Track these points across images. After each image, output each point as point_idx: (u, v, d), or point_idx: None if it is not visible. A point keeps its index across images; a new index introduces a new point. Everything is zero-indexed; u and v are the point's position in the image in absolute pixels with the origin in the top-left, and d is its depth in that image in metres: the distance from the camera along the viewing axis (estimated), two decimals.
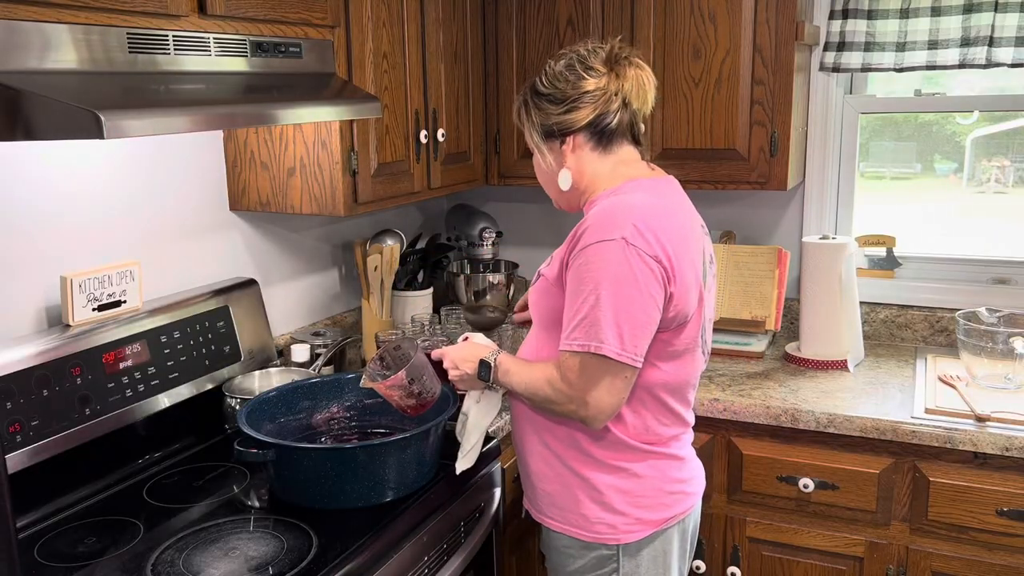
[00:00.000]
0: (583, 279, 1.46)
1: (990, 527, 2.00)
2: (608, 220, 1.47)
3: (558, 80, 1.56)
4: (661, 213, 1.52)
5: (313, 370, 2.12)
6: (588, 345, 1.45)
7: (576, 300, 1.47)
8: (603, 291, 1.44)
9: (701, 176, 2.41)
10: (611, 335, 1.44)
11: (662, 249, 1.47)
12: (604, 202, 1.55)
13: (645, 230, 1.46)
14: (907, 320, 2.62)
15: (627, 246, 1.44)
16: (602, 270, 1.45)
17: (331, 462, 1.61)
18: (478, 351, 1.64)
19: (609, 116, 1.56)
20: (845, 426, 2.08)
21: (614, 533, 1.60)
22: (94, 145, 1.81)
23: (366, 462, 1.62)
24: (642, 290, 1.45)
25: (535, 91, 1.60)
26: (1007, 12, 2.27)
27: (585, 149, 1.58)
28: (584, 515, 1.61)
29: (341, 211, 2.03)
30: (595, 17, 2.45)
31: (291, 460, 1.63)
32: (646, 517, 1.60)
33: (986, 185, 2.65)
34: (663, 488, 1.62)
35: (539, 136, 1.61)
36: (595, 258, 1.45)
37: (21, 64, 1.31)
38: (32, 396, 1.59)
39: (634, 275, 1.45)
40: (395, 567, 1.58)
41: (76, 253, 1.80)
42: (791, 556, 2.22)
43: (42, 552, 1.53)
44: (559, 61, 1.59)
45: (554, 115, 1.56)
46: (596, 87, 1.54)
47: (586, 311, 1.45)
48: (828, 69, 2.51)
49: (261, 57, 1.72)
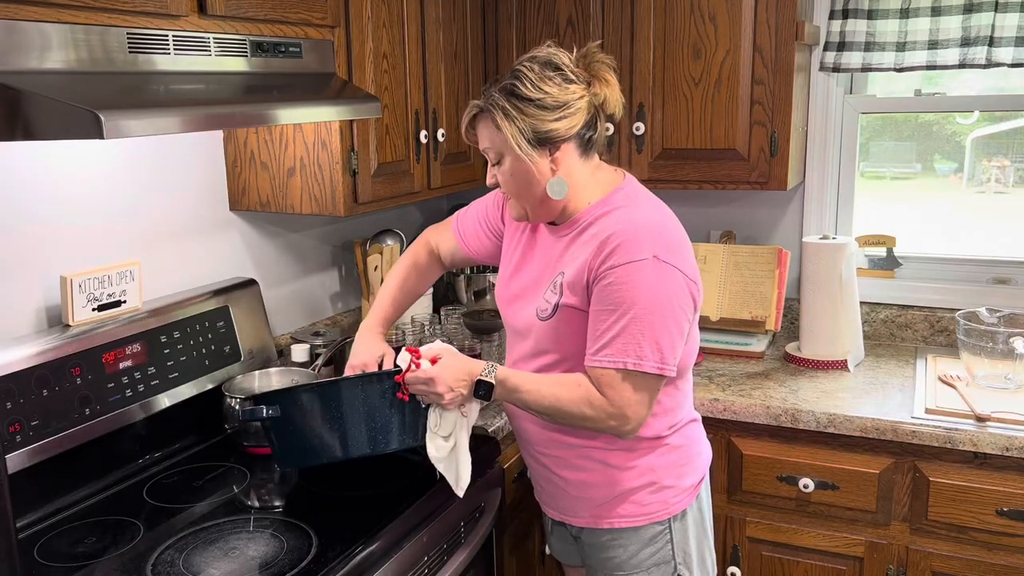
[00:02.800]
0: (615, 299, 1.48)
1: (990, 527, 2.00)
2: (635, 239, 1.48)
3: (545, 83, 1.50)
4: (672, 222, 1.57)
5: (313, 370, 2.12)
6: (627, 362, 1.47)
7: (608, 318, 1.48)
8: (640, 309, 1.46)
9: (701, 176, 2.41)
10: (650, 350, 1.47)
11: (687, 260, 1.52)
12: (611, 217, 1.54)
13: (672, 244, 1.50)
14: (907, 320, 2.62)
15: (659, 263, 1.47)
16: (637, 288, 1.46)
17: (335, 402, 1.58)
18: (470, 367, 1.56)
19: (596, 124, 1.57)
20: (845, 426, 2.08)
21: (666, 508, 1.65)
22: (94, 145, 1.81)
23: (372, 397, 1.57)
24: (675, 303, 1.49)
25: (516, 96, 1.51)
26: (1007, 12, 2.27)
27: (574, 156, 1.56)
28: (636, 502, 1.64)
29: (341, 211, 2.03)
30: (595, 17, 2.45)
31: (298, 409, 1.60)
32: (687, 483, 1.67)
33: (986, 185, 2.65)
34: (695, 451, 1.70)
35: (528, 143, 1.52)
36: (628, 277, 1.47)
37: (21, 64, 1.31)
38: (32, 396, 1.59)
39: (668, 290, 1.48)
40: (395, 567, 1.58)
41: (76, 253, 1.80)
42: (791, 556, 2.22)
43: (42, 552, 1.53)
44: (533, 63, 1.52)
45: (548, 121, 1.51)
46: (584, 92, 1.52)
47: (620, 328, 1.47)
48: (828, 69, 2.51)
49: (261, 57, 1.72)
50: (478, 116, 1.58)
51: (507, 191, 1.61)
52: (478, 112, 1.58)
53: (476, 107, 1.58)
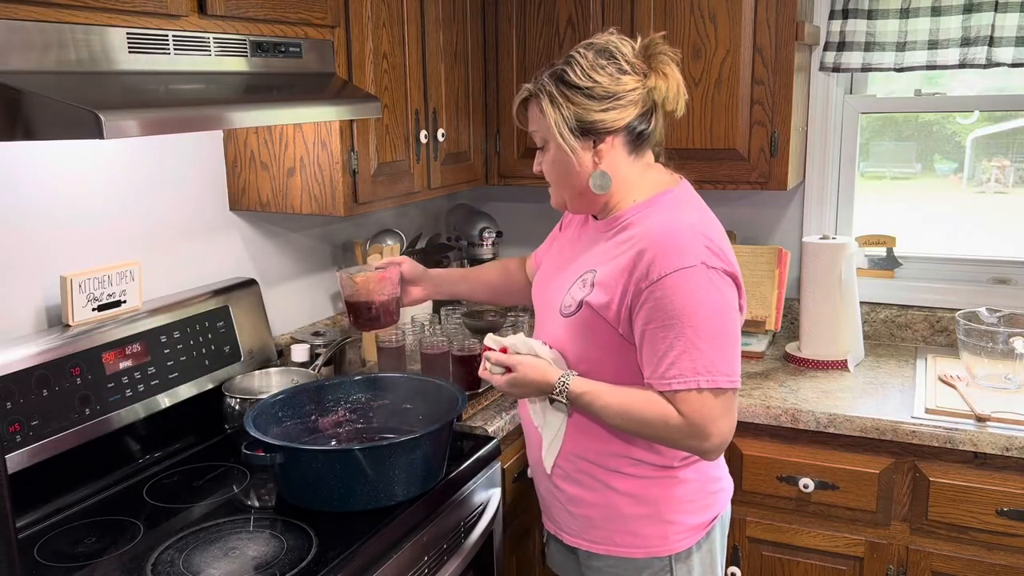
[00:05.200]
0: (671, 312, 1.40)
1: (990, 527, 2.00)
2: (679, 244, 1.42)
3: (596, 72, 1.46)
4: (715, 226, 1.50)
5: (313, 370, 2.12)
6: (699, 380, 1.40)
7: (668, 334, 1.41)
8: (700, 321, 1.39)
9: (701, 176, 2.41)
10: (720, 364, 1.40)
11: (731, 264, 1.46)
12: (652, 219, 1.48)
13: (716, 249, 1.44)
14: (907, 320, 2.62)
15: (709, 270, 1.41)
16: (691, 298, 1.40)
17: (339, 464, 1.60)
18: (548, 373, 1.53)
19: (651, 119, 1.50)
20: (845, 426, 2.08)
21: (666, 544, 1.56)
22: (94, 145, 1.81)
23: (374, 464, 1.60)
24: (731, 312, 1.44)
25: (565, 82, 1.47)
26: (1007, 12, 2.27)
27: (621, 151, 1.50)
28: (634, 532, 1.56)
29: (341, 211, 2.03)
30: (595, 17, 2.45)
31: (299, 463, 1.61)
32: (695, 522, 1.57)
33: (986, 185, 2.65)
34: (707, 489, 1.59)
35: (570, 132, 1.48)
36: (680, 288, 1.40)
37: (21, 64, 1.31)
38: (32, 396, 1.59)
39: (723, 299, 1.42)
40: (395, 567, 1.58)
41: (76, 253, 1.80)
42: (791, 556, 2.22)
43: (42, 552, 1.53)
44: (588, 51, 1.48)
45: (595, 111, 1.46)
46: (638, 85, 1.46)
47: (684, 345, 1.40)
48: (828, 69, 2.51)
49: (261, 57, 1.72)
50: (528, 100, 1.55)
51: (548, 178, 1.58)
52: (528, 96, 1.55)
53: (527, 91, 1.55)
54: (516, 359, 1.55)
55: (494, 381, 1.58)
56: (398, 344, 2.21)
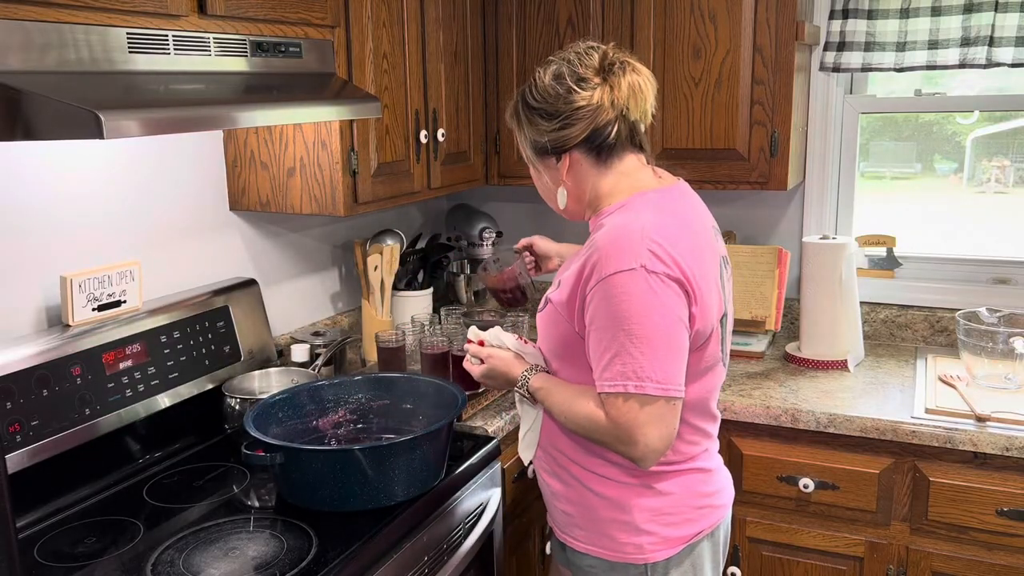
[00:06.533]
0: (608, 315, 1.39)
1: (990, 527, 2.00)
2: (621, 247, 1.40)
3: (548, 93, 1.48)
4: (673, 230, 1.44)
5: (313, 370, 2.12)
6: (627, 384, 1.38)
7: (604, 336, 1.40)
8: (633, 325, 1.37)
9: (701, 176, 2.41)
10: (650, 370, 1.38)
11: (680, 270, 1.40)
12: (611, 221, 1.47)
13: (662, 253, 1.39)
14: (907, 320, 2.62)
15: (648, 274, 1.37)
16: (627, 303, 1.37)
17: (340, 464, 1.60)
18: (513, 367, 1.59)
19: (606, 130, 1.47)
20: (845, 426, 2.08)
21: (641, 553, 1.53)
22: (94, 145, 1.81)
23: (374, 464, 1.60)
24: (671, 318, 1.39)
25: (526, 103, 1.52)
26: (1007, 12, 2.27)
27: (584, 165, 1.50)
28: (610, 536, 1.54)
29: (341, 211, 2.03)
30: (595, 17, 2.45)
31: (299, 463, 1.61)
32: (674, 535, 1.54)
33: (986, 185, 2.65)
34: (690, 504, 1.55)
35: (533, 151, 1.53)
36: (616, 291, 1.38)
37: (21, 64, 1.31)
38: (32, 396, 1.59)
39: (661, 303, 1.38)
40: (395, 567, 1.58)
41: (76, 253, 1.80)
42: (791, 556, 2.22)
43: (42, 552, 1.53)
44: (548, 70, 1.50)
45: (547, 131, 1.48)
46: (589, 101, 1.45)
47: (617, 348, 1.38)
48: (828, 69, 2.51)
49: (261, 57, 1.72)
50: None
51: (539, 193, 1.65)
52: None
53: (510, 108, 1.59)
54: (488, 351, 1.64)
55: (472, 372, 1.67)
56: (398, 344, 2.21)
